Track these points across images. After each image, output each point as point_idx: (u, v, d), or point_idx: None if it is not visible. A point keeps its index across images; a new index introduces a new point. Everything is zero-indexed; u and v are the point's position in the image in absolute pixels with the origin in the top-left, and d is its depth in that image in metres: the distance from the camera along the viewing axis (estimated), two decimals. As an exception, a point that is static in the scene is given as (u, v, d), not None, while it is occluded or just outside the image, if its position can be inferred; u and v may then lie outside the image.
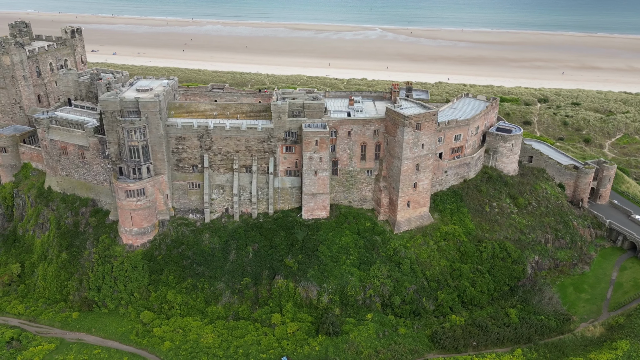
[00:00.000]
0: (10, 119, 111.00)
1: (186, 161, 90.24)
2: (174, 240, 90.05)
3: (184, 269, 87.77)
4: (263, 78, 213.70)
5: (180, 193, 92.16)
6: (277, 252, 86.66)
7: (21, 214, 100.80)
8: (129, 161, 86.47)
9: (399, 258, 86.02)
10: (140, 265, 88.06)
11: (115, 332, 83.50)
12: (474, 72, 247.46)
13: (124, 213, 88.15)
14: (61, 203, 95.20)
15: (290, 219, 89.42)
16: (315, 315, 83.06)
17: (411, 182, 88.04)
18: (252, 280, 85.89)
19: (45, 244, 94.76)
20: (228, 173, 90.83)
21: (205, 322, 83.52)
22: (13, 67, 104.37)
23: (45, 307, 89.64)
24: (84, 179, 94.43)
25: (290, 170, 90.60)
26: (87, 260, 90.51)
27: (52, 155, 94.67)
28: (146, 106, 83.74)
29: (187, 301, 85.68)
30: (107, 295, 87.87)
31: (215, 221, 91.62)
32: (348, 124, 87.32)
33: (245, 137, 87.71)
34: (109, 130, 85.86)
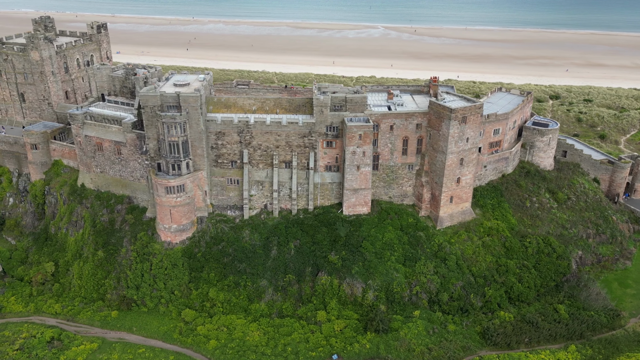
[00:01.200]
0: (37, 115, 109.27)
1: (225, 157, 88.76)
2: (213, 237, 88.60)
3: (225, 266, 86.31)
4: (271, 76, 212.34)
5: (219, 189, 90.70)
6: (320, 248, 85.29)
7: (53, 212, 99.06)
8: (169, 157, 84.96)
9: (445, 254, 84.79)
10: (180, 262, 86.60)
11: (157, 331, 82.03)
12: (480, 70, 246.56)
13: (163, 210, 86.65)
14: (96, 200, 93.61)
15: (332, 215, 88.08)
16: (361, 313, 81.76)
17: (455, 177, 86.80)
18: (296, 277, 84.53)
19: (80, 242, 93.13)
20: (267, 169, 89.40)
21: (249, 319, 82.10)
22: (42, 63, 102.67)
23: (83, 306, 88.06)
24: (120, 176, 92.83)
25: (330, 166, 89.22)
26: (124, 258, 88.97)
27: (87, 151, 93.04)
28: (187, 101, 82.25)
29: (229, 299, 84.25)
30: (146, 294, 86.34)
31: (255, 217, 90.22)
32: (391, 117, 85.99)
33: (285, 132, 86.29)
34: (148, 126, 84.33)
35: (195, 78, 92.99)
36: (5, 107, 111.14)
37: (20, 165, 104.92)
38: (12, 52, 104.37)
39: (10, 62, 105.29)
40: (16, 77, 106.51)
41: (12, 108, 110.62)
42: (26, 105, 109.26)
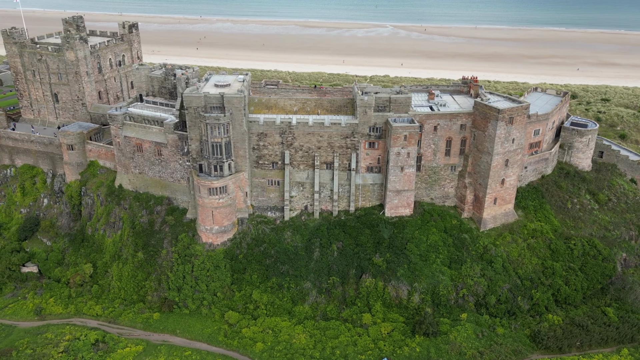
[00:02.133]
0: (71, 115, 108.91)
1: (266, 158, 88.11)
2: (254, 239, 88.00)
3: (267, 267, 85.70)
4: (284, 75, 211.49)
5: (259, 190, 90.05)
6: (364, 250, 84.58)
7: (89, 213, 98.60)
8: (211, 158, 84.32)
9: (490, 256, 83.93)
10: (222, 264, 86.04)
11: (202, 333, 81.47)
12: (492, 69, 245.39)
13: (205, 211, 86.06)
14: (134, 201, 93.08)
15: (374, 217, 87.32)
16: (406, 316, 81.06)
17: (499, 178, 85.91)
18: (340, 280, 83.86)
19: (118, 243, 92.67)
20: (308, 170, 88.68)
21: (293, 322, 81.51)
22: (77, 63, 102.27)
23: (123, 308, 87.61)
24: (159, 177, 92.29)
25: (371, 167, 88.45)
26: (165, 260, 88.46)
27: (125, 152, 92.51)
28: (231, 101, 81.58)
29: (273, 301, 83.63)
30: (188, 296, 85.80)
31: (295, 219, 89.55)
32: (435, 118, 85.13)
33: (328, 132, 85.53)
34: (191, 127, 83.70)
35: (234, 79, 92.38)
36: (38, 107, 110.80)
37: (54, 166, 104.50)
38: (46, 52, 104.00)
39: (44, 63, 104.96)
40: (50, 77, 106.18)
41: (45, 108, 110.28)
42: (59, 105, 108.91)
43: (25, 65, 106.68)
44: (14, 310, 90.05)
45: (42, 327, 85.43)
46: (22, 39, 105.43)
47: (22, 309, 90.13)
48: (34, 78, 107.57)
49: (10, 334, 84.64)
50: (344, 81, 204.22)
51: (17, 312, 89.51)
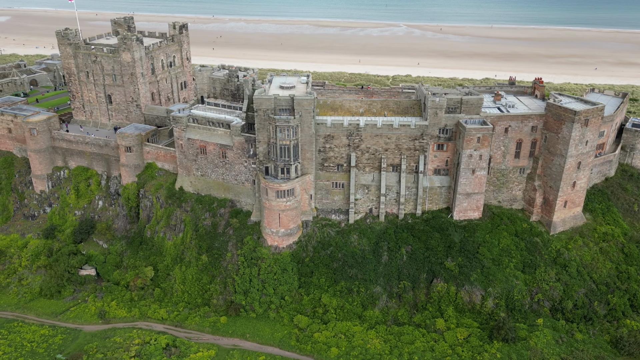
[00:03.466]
0: (124, 117, 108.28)
1: (332, 160, 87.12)
2: (319, 242, 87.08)
3: (335, 271, 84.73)
4: None
5: (323, 193, 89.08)
6: (435, 254, 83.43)
7: (148, 215, 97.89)
8: (279, 160, 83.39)
9: (564, 260, 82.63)
10: (289, 267, 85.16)
11: (272, 338, 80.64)
12: (513, 69, 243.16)
13: (271, 214, 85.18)
14: (197, 204, 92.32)
15: (443, 220, 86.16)
16: (480, 321, 79.91)
17: (571, 181, 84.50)
18: (411, 284, 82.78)
19: (180, 246, 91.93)
20: (374, 172, 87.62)
21: (364, 326, 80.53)
22: (133, 64, 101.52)
23: (188, 312, 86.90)
24: (222, 179, 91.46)
25: (439, 169, 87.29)
26: (230, 263, 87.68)
27: (188, 154, 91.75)
28: (301, 104, 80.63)
29: (342, 305, 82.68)
30: (255, 299, 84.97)
31: (360, 222, 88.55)
32: (506, 119, 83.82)
33: (396, 134, 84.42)
34: (259, 129, 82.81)
35: (297, 80, 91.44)
36: (90, 108, 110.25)
37: (109, 167, 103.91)
38: (101, 54, 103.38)
39: (99, 64, 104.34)
40: (104, 78, 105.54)
41: (98, 110, 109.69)
42: (112, 107, 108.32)
43: (79, 66, 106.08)
44: (77, 314, 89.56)
45: (108, 331, 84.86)
46: (76, 40, 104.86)
47: (85, 312, 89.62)
48: (87, 79, 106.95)
49: (77, 338, 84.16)
50: (366, 81, 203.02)
51: (80, 316, 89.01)
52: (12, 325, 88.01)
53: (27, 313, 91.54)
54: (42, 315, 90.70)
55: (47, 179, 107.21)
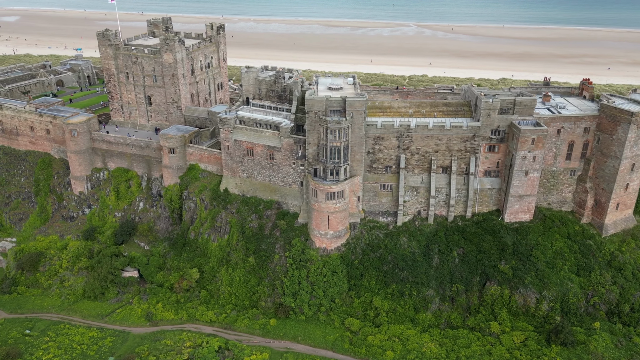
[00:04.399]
0: (164, 118, 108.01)
1: (380, 162, 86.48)
2: (368, 244, 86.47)
3: (385, 273, 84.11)
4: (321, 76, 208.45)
5: (371, 195, 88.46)
6: (488, 257, 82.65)
7: (191, 217, 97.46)
8: (328, 162, 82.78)
9: (619, 263, 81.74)
10: (339, 269, 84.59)
11: (324, 341, 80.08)
12: (527, 68, 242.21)
13: (320, 216, 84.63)
14: (242, 206, 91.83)
15: (494, 222, 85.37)
16: (534, 324, 79.10)
17: (624, 183, 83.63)
18: (464, 287, 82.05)
19: (226, 248, 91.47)
20: (423, 174, 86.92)
21: (418, 330, 79.88)
22: (175, 65, 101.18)
23: (236, 314, 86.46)
24: (269, 181, 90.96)
25: (489, 171, 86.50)
26: (277, 265, 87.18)
27: (234, 156, 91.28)
28: (353, 105, 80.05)
29: (394, 308, 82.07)
30: (304, 302, 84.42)
31: (408, 224, 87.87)
32: (559, 121, 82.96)
33: (447, 136, 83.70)
34: (310, 131, 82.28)
35: (343, 81, 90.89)
36: (129, 109, 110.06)
37: (150, 169, 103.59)
38: (142, 55, 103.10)
39: (139, 65, 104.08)
40: (144, 79, 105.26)
41: (137, 111, 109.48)
42: (152, 108, 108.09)
43: (119, 67, 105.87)
44: (123, 316, 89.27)
45: (157, 334, 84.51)
46: (116, 41, 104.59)
47: (132, 314, 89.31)
48: (126, 80, 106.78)
49: (126, 340, 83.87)
50: (383, 81, 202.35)
51: (127, 318, 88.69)
52: (59, 328, 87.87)
53: (72, 315, 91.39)
54: (88, 317, 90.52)
55: (86, 181, 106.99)
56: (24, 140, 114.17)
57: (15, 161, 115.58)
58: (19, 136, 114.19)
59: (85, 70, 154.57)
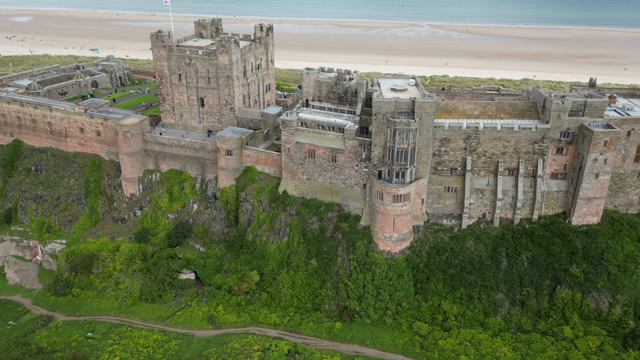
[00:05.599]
0: (216, 120, 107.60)
1: (446, 164, 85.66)
2: (433, 247, 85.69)
3: (452, 277, 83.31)
4: None
5: (435, 197, 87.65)
6: (558, 260, 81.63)
7: (249, 219, 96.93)
8: (394, 164, 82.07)
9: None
10: (405, 273, 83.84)
11: (394, 345, 79.38)
12: (546, 69, 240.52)
13: (385, 218, 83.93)
14: (303, 208, 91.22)
15: (562, 225, 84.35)
16: (607, 329, 78.01)
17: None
18: (534, 291, 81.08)
19: (286, 250, 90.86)
20: (489, 176, 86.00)
21: (488, 334, 78.98)
22: (230, 67, 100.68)
23: (300, 317, 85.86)
24: (330, 183, 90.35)
25: (556, 173, 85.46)
26: (341, 268, 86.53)
27: (295, 158, 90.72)
28: (422, 107, 79.30)
29: (463, 312, 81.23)
30: (369, 305, 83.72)
31: (473, 227, 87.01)
32: (630, 123, 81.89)
33: (515, 137, 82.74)
34: (377, 132, 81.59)
35: (405, 82, 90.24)
36: (180, 111, 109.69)
37: (203, 170, 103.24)
38: (196, 56, 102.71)
39: (193, 66, 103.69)
40: (198, 81, 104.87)
41: (189, 113, 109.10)
42: (204, 109, 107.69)
43: (172, 69, 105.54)
44: (185, 319, 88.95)
45: (222, 337, 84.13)
46: (169, 43, 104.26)
47: (193, 317, 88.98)
48: (179, 82, 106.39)
49: (191, 343, 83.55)
50: None
51: (189, 321, 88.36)
52: (121, 330, 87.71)
53: (132, 317, 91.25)
54: (148, 319, 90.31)
55: (137, 182, 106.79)
56: (72, 141, 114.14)
57: (64, 163, 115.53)
58: (68, 138, 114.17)
59: (117, 71, 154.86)
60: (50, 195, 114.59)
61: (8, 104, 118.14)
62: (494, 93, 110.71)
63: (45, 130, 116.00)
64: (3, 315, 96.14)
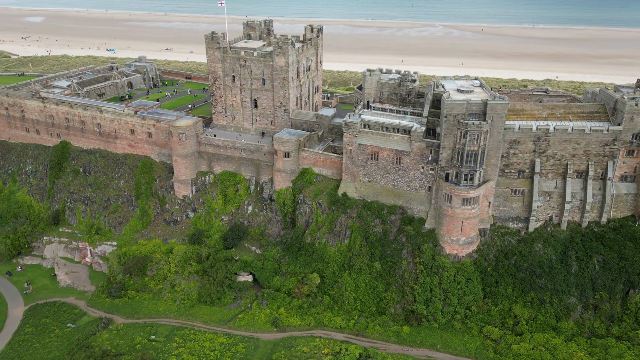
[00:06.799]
0: (269, 122, 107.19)
1: (513, 166, 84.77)
2: (500, 250, 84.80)
3: (522, 281, 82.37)
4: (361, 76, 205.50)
5: (501, 200, 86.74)
6: (631, 264, 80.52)
7: (306, 221, 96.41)
8: (463, 167, 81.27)
9: None
10: (473, 276, 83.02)
11: (466, 349, 78.61)
12: (565, 69, 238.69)
13: (453, 221, 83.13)
14: (364, 210, 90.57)
15: (632, 229, 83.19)
16: (683, 333, 76.94)
17: None
18: (607, 295, 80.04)
19: (347, 253, 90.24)
20: (557, 179, 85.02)
21: (561, 338, 78.02)
22: (287, 68, 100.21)
23: (365, 320, 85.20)
24: (392, 185, 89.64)
25: (626, 176, 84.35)
26: (406, 271, 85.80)
27: (356, 160, 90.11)
28: (495, 108, 78.46)
29: (535, 316, 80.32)
30: (437, 309, 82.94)
31: (540, 230, 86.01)
32: None
33: (586, 140, 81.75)
34: (446, 134, 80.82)
35: (470, 84, 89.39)
36: (232, 113, 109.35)
37: (258, 172, 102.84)
38: (251, 58, 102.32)
39: (248, 68, 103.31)
40: (252, 82, 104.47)
41: (241, 114, 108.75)
42: (257, 111, 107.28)
43: (226, 70, 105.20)
44: (248, 321, 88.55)
45: (288, 340, 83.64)
46: (224, 44, 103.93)
47: (255, 319, 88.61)
48: (232, 84, 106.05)
49: (258, 347, 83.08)
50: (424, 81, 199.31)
51: (252, 323, 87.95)
52: (184, 333, 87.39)
53: (192, 320, 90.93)
54: (210, 322, 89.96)
55: (190, 184, 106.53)
56: (122, 143, 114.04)
57: (113, 164, 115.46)
58: (118, 139, 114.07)
59: (149, 72, 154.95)
60: (100, 197, 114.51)
61: (57, 105, 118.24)
62: (542, 94, 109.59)
63: (94, 132, 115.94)
64: (60, 317, 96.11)
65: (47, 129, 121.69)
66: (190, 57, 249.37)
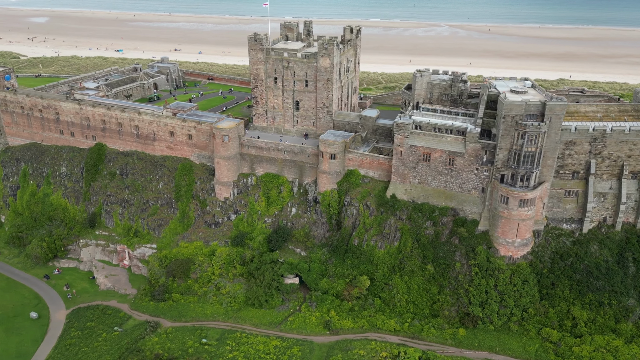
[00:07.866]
0: (311, 123, 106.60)
1: (568, 167, 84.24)
2: (555, 252, 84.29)
3: (579, 283, 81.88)
4: (377, 76, 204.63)
5: (554, 201, 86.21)
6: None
7: (353, 223, 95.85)
8: (520, 168, 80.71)
9: None
10: (530, 278, 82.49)
11: (525, 351, 78.09)
12: (576, 69, 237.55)
13: (509, 223, 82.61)
14: (414, 212, 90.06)
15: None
16: None
17: None
18: (667, 296, 79.74)
19: (397, 255, 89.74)
20: (611, 180, 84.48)
21: (622, 340, 77.52)
22: (331, 70, 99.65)
23: (420, 323, 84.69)
24: (444, 187, 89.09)
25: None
26: (460, 273, 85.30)
27: (407, 162, 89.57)
28: (553, 109, 77.92)
29: (594, 318, 79.82)
30: (493, 311, 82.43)
31: (595, 231, 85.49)
32: None
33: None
34: (503, 135, 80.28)
35: (521, 84, 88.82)
36: (274, 114, 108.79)
37: (301, 174, 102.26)
38: (294, 59, 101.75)
39: (290, 69, 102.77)
40: (295, 84, 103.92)
41: (282, 116, 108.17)
42: (299, 113, 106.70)
43: (268, 72, 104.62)
44: (299, 324, 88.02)
45: (342, 343, 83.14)
46: (267, 46, 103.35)
47: (307, 322, 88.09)
48: (274, 85, 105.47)
49: (313, 350, 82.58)
50: None
51: (304, 326, 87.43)
52: (236, 336, 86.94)
53: (242, 323, 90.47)
54: (260, 325, 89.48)
55: (232, 186, 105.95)
56: (160, 145, 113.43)
57: (152, 167, 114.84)
58: (156, 141, 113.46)
59: (172, 73, 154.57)
60: (138, 199, 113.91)
61: (93, 107, 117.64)
62: (579, 94, 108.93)
63: (132, 134, 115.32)
64: (106, 321, 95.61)
65: (82, 131, 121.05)
66: (200, 57, 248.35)
